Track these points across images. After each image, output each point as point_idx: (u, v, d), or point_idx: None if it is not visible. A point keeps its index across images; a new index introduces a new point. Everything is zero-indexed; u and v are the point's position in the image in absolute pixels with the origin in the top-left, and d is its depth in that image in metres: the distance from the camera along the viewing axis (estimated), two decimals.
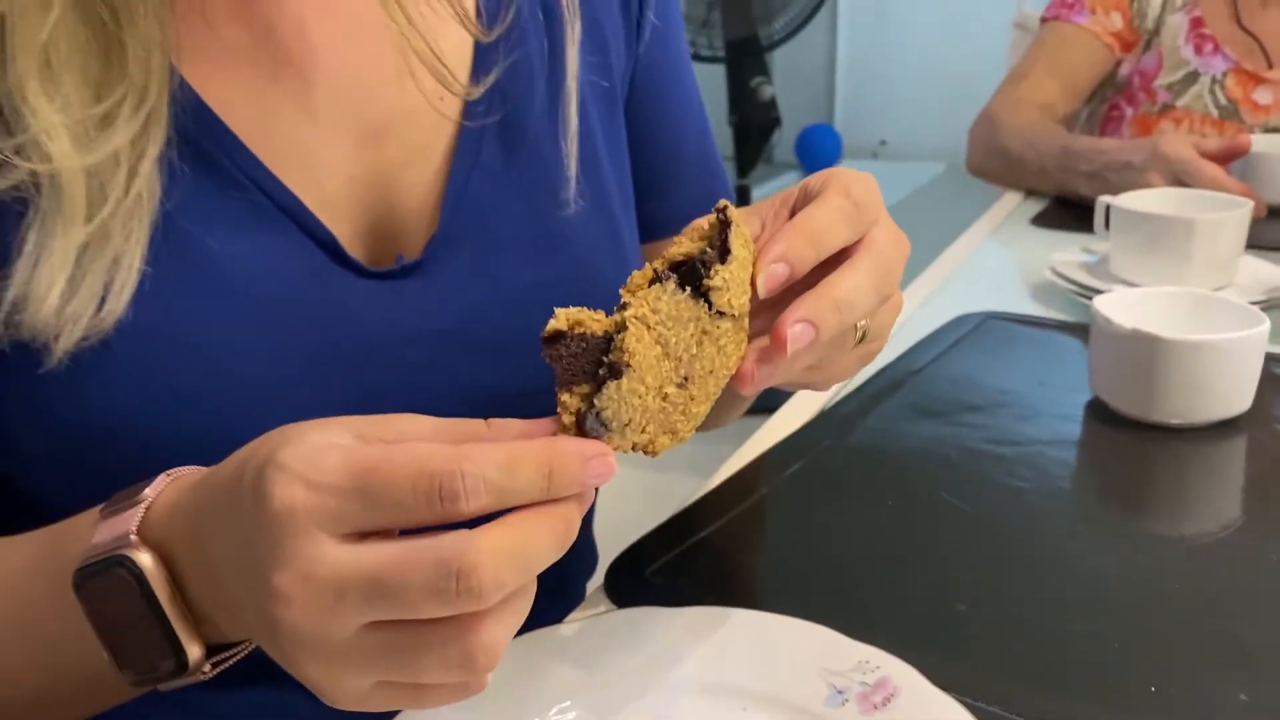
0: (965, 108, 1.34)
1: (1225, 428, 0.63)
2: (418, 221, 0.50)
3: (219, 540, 0.33)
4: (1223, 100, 1.24)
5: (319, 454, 0.30)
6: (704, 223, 0.39)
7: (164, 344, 0.42)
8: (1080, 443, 0.64)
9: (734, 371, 0.39)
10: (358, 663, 0.31)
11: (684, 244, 0.38)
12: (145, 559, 0.34)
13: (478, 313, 0.49)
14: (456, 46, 0.51)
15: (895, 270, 0.41)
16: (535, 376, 0.41)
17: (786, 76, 5.01)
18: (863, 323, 0.43)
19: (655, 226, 0.62)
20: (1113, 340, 0.64)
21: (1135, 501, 0.58)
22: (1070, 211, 1.07)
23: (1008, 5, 3.90)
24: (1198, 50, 1.26)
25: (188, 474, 0.37)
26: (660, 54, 0.61)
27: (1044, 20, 1.33)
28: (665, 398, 0.36)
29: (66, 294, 0.39)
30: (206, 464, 0.36)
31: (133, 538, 0.35)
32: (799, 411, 0.69)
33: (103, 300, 0.40)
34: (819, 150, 4.96)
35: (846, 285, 0.39)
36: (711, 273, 0.36)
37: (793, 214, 0.42)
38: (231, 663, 0.37)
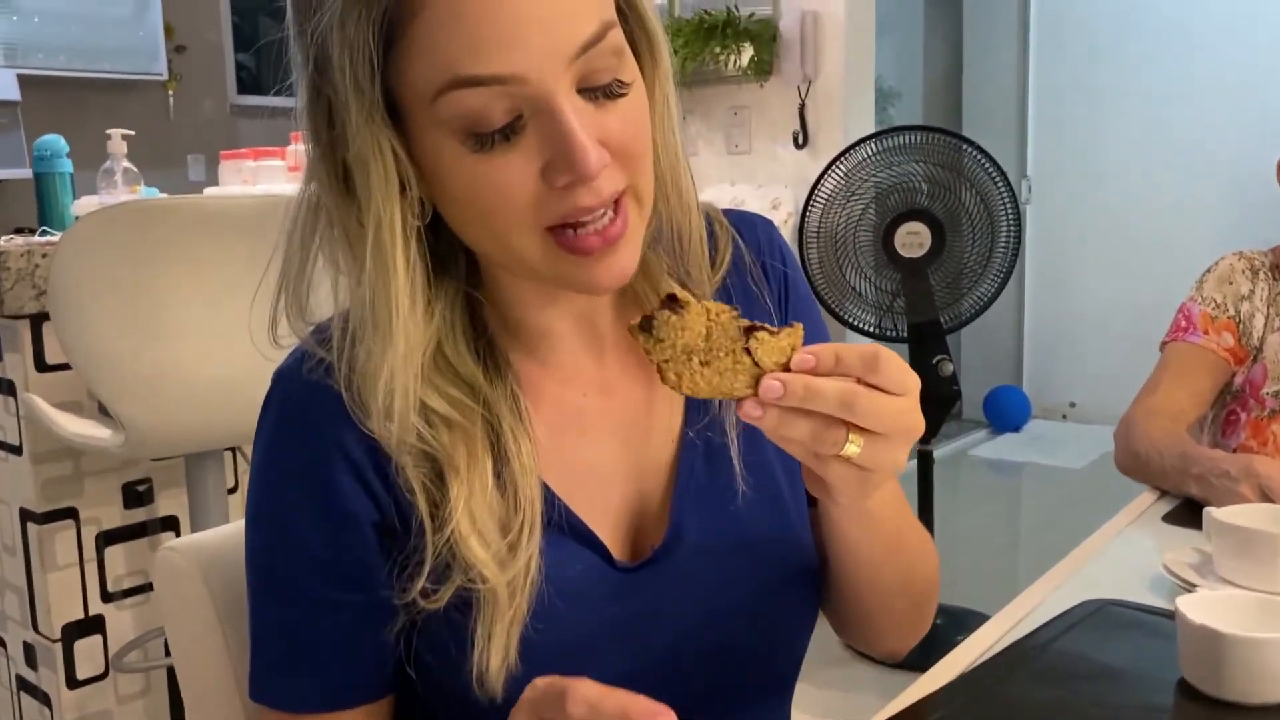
0: None
1: None
2: (652, 519, 0.76)
3: None
4: None
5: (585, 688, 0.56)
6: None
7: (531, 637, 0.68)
8: (1168, 712, 0.82)
9: (739, 395, 0.60)
10: None
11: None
12: None
13: (693, 583, 0.74)
14: (677, 404, 0.78)
15: (863, 408, 0.59)
16: (723, 622, 0.72)
17: (975, 337, 5.24)
18: (856, 439, 0.59)
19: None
20: (1190, 632, 0.83)
21: None
22: (1197, 513, 1.25)
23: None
24: None
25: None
26: None
27: (1164, 344, 1.57)
28: (690, 359, 0.60)
29: (502, 661, 0.66)
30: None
31: None
32: (942, 674, 0.90)
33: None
34: (1007, 410, 5.10)
35: (823, 381, 0.59)
36: (760, 332, 0.61)
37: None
38: None
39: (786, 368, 0.61)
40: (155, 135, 4.75)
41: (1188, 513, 1.28)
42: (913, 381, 0.62)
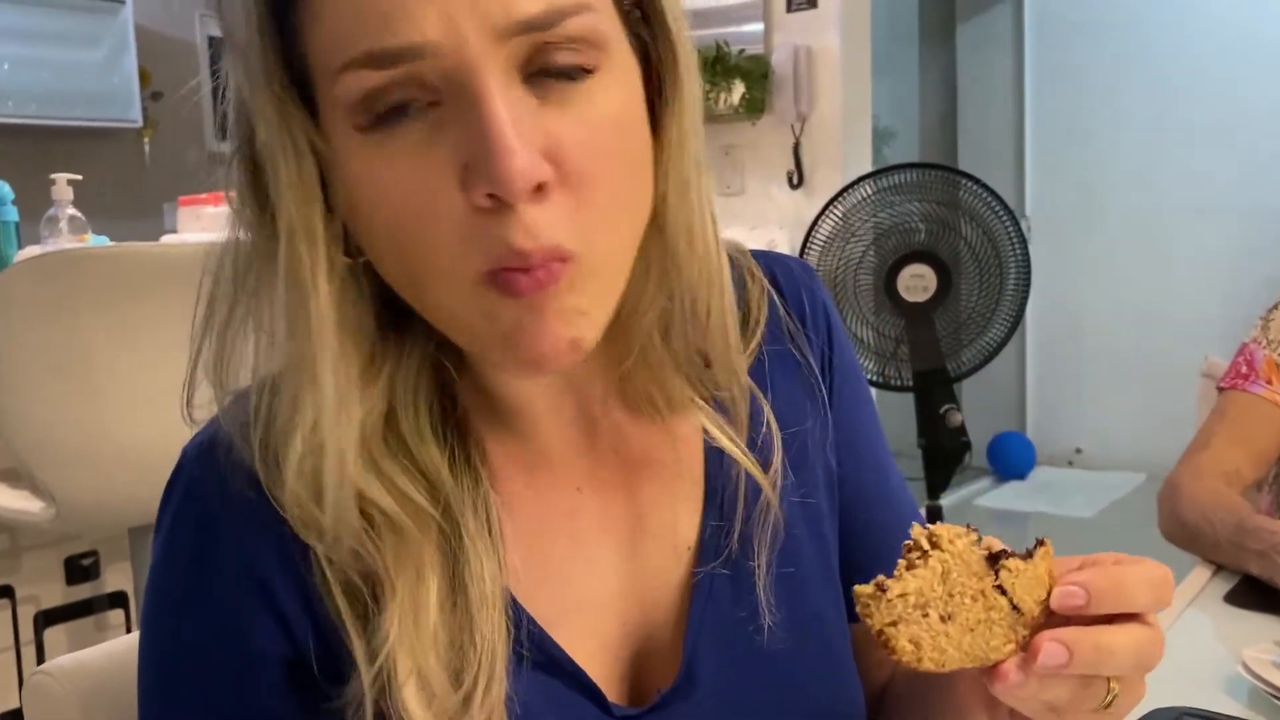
0: (1166, 416, 1.38)
1: None
2: (660, 652, 0.60)
3: None
4: None
5: None
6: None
7: None
8: None
9: (996, 658, 0.45)
10: None
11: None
12: None
13: None
14: (691, 509, 0.62)
15: (1155, 659, 0.46)
16: None
17: (976, 382, 5.08)
18: (1115, 688, 0.46)
19: None
20: None
21: None
22: (1261, 591, 1.09)
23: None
24: None
25: None
26: (855, 461, 0.68)
27: (1221, 389, 1.39)
28: (925, 614, 0.44)
29: None
30: None
31: None
32: None
33: None
34: (1011, 458, 4.93)
35: (1116, 635, 0.44)
36: (1010, 560, 0.44)
37: None
38: None
39: (1045, 605, 0.45)
40: (130, 183, 4.62)
41: (1252, 591, 1.11)
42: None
